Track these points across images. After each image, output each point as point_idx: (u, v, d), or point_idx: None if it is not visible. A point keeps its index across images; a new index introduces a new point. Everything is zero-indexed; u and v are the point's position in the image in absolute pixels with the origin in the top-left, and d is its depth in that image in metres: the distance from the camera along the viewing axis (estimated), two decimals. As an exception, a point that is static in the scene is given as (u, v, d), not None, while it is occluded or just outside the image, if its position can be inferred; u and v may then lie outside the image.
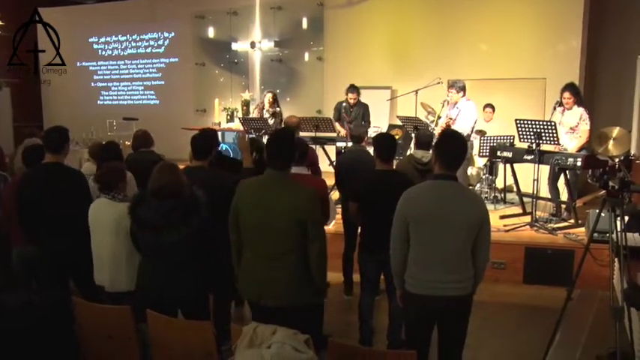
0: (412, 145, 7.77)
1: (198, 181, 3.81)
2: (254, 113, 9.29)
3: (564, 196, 7.12)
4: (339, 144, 8.32)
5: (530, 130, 6.74)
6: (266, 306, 3.38)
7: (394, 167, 4.87)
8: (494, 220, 7.08)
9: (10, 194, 4.55)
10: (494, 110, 8.86)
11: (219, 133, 10.94)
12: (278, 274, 3.35)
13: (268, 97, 8.96)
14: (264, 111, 8.92)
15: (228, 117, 11.27)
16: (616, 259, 4.22)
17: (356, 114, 8.52)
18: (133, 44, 13.18)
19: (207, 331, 3.23)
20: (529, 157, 6.91)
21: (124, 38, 13.23)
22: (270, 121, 8.70)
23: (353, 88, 8.56)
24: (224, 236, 3.62)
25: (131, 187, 4.38)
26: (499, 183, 8.52)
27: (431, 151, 4.86)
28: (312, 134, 7.99)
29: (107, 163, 4.27)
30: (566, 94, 6.95)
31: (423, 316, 3.34)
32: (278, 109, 8.93)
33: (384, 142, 4.54)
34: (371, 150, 5.95)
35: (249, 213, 3.38)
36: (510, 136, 7.70)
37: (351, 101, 8.55)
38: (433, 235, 3.22)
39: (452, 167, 3.30)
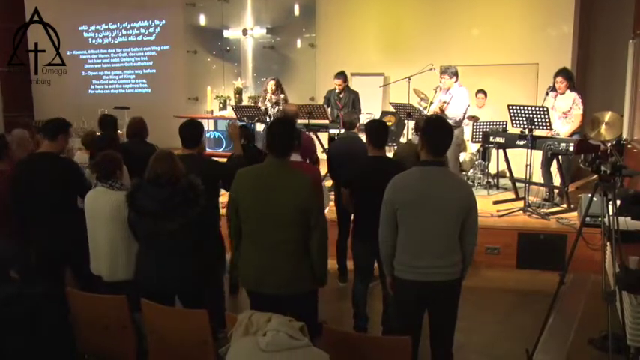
0: (411, 130, 7.79)
1: (189, 169, 3.80)
2: (259, 102, 9.23)
3: (557, 181, 7.15)
4: (331, 131, 8.31)
5: (523, 115, 6.75)
6: (265, 294, 3.38)
7: (394, 153, 4.86)
8: (488, 206, 7.12)
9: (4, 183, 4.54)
10: (486, 96, 8.86)
11: (212, 122, 10.95)
12: (279, 263, 3.35)
13: (271, 84, 8.90)
14: (266, 100, 8.89)
15: (221, 105, 11.23)
16: (608, 243, 4.26)
17: (345, 101, 8.49)
18: (124, 32, 13.07)
19: (202, 320, 3.24)
20: (522, 143, 6.93)
21: (114, 26, 13.12)
22: (274, 109, 8.66)
23: (339, 74, 8.51)
24: (215, 224, 3.62)
25: (125, 176, 4.37)
26: (492, 169, 8.55)
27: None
28: (306, 121, 7.98)
29: (103, 152, 4.25)
30: (559, 79, 6.97)
31: (413, 301, 3.35)
32: (282, 95, 8.87)
33: (376, 128, 4.53)
34: (363, 137, 5.96)
35: (249, 201, 3.37)
36: (503, 121, 7.71)
37: (337, 87, 8.51)
38: (421, 220, 3.24)
39: (438, 153, 3.31)
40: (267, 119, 8.72)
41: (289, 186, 3.32)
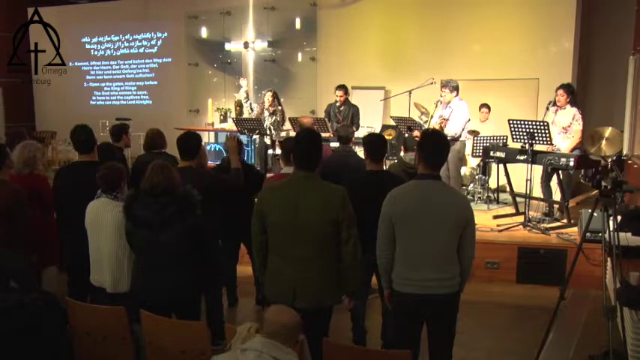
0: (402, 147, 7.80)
1: (186, 181, 3.80)
2: (254, 112, 9.23)
3: (557, 196, 7.14)
4: (332, 144, 8.31)
5: (523, 130, 6.76)
6: (297, 308, 3.31)
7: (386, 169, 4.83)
8: (488, 220, 7.11)
9: None
10: (489, 110, 8.86)
11: (213, 134, 10.97)
12: (311, 275, 3.32)
13: (268, 95, 8.93)
14: (264, 110, 8.91)
15: (222, 117, 11.25)
16: (608, 259, 4.25)
17: (344, 114, 8.51)
18: (126, 44, 13.12)
19: (201, 331, 3.23)
20: (522, 157, 6.93)
21: (116, 38, 13.18)
22: (271, 119, 8.68)
23: (340, 87, 8.54)
24: (214, 236, 3.61)
25: None
26: (492, 183, 8.54)
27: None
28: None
29: (107, 164, 4.23)
30: (560, 91, 7.00)
31: (411, 314, 3.35)
32: (279, 107, 8.91)
33: (374, 142, 4.50)
34: (358, 150, 5.96)
35: (278, 215, 3.34)
36: (503, 136, 7.72)
37: (338, 99, 8.52)
38: (418, 234, 3.24)
39: (435, 167, 3.33)
40: (268, 131, 8.75)
41: (319, 197, 3.31)
